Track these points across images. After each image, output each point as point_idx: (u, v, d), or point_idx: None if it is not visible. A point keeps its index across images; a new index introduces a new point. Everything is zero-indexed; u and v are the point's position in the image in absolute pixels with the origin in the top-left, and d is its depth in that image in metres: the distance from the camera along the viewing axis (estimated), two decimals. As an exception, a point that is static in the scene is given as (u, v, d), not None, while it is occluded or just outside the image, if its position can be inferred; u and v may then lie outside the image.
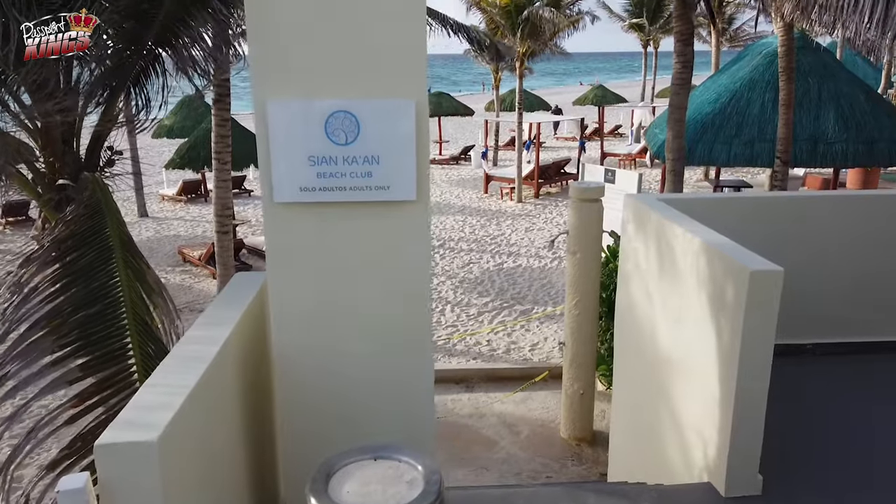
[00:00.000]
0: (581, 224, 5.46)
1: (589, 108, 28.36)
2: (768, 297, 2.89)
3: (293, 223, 2.22)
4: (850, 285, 4.56)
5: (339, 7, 2.09)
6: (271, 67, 2.11)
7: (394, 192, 2.20)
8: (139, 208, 16.62)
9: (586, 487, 3.32)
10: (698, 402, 3.35)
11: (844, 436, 3.60)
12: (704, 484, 3.25)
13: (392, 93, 2.15)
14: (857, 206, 4.61)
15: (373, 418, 2.39)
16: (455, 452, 5.82)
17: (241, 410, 2.40)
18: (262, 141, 2.14)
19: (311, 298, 2.28)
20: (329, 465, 1.66)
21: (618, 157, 22.02)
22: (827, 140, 10.62)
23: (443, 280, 11.20)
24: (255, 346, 2.46)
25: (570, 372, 5.85)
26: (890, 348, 4.38)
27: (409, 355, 2.37)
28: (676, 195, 5.45)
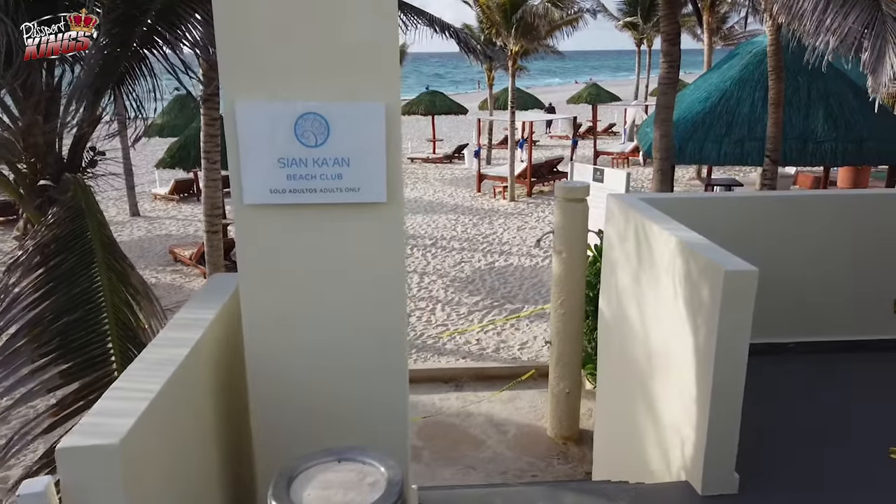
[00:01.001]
0: (566, 223, 5.48)
1: (583, 106, 28.37)
2: (743, 296, 2.90)
3: (263, 225, 2.23)
4: (831, 284, 4.59)
5: (309, 9, 2.10)
6: (241, 69, 2.11)
7: (364, 193, 2.21)
8: (131, 207, 16.59)
9: (565, 487, 3.34)
10: (676, 402, 3.37)
11: (822, 434, 3.62)
12: (682, 483, 3.28)
13: (362, 96, 2.15)
14: (837, 206, 4.64)
15: (346, 418, 2.40)
16: (442, 452, 5.84)
17: (216, 410, 2.41)
18: (232, 142, 2.15)
19: (283, 299, 2.29)
20: (292, 468, 1.67)
21: (611, 155, 22.05)
22: (816, 139, 10.66)
23: (434, 279, 11.21)
24: (230, 347, 2.47)
25: (556, 371, 5.86)
26: (869, 347, 4.41)
27: (382, 355, 2.38)
28: (659, 195, 5.47)
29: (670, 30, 7.13)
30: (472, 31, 20.90)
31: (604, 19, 28.48)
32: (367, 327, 2.35)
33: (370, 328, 2.35)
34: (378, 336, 2.36)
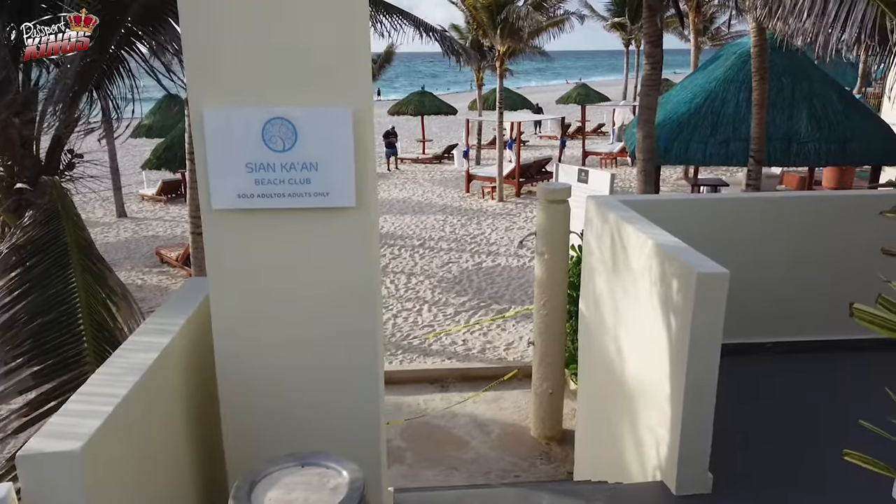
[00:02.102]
0: (548, 225, 5.50)
1: (573, 106, 28.45)
2: (715, 298, 2.93)
3: (232, 230, 2.23)
4: (809, 285, 4.63)
5: (276, 15, 2.10)
6: (207, 74, 2.11)
7: (333, 198, 2.21)
8: (118, 208, 16.50)
9: (542, 488, 3.36)
10: (652, 402, 3.40)
11: (796, 434, 3.66)
12: (657, 483, 3.30)
13: (330, 101, 2.16)
14: (814, 207, 4.69)
15: (316, 422, 2.41)
16: (425, 453, 5.85)
17: (187, 415, 2.41)
18: (199, 147, 2.15)
19: (252, 304, 2.29)
20: (255, 473, 1.68)
21: (599, 155, 22.13)
22: (800, 139, 10.75)
23: (421, 279, 11.22)
24: (202, 351, 2.47)
25: (540, 371, 5.89)
26: (847, 346, 4.45)
27: (353, 360, 2.38)
28: (638, 196, 5.51)
29: (652, 31, 7.17)
30: (460, 31, 20.93)
31: (592, 20, 28.60)
32: (338, 332, 2.35)
33: (341, 333, 2.35)
34: (349, 340, 2.37)
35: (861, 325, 1.75)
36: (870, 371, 4.32)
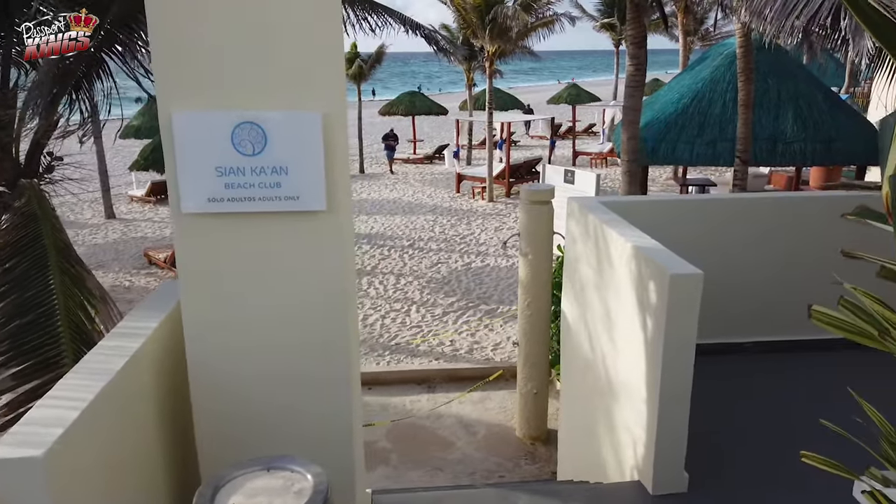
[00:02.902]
0: (532, 226, 5.52)
1: (564, 106, 28.52)
2: (689, 299, 2.96)
3: (203, 233, 2.23)
4: (788, 284, 4.67)
5: (246, 18, 2.10)
6: (176, 77, 2.11)
7: (303, 202, 2.22)
8: (106, 210, 16.42)
9: (521, 488, 3.37)
10: (629, 403, 3.42)
11: (773, 433, 3.69)
12: (634, 482, 3.33)
13: (300, 105, 2.16)
14: (794, 208, 4.73)
15: (288, 426, 2.42)
16: (411, 454, 5.86)
17: (160, 419, 2.41)
18: (169, 151, 2.15)
19: (223, 307, 2.29)
20: (219, 478, 1.68)
21: (589, 155, 22.20)
22: (786, 139, 10.83)
23: (410, 280, 11.22)
24: (174, 355, 2.47)
25: (524, 372, 5.91)
26: (825, 346, 4.49)
27: (326, 364, 2.39)
28: (619, 198, 5.54)
29: (637, 33, 7.21)
30: (451, 31, 20.93)
31: (583, 20, 28.68)
32: (310, 336, 2.36)
33: (313, 336, 2.36)
34: (321, 344, 2.38)
35: (819, 326, 1.77)
36: (847, 371, 4.36)
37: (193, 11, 2.07)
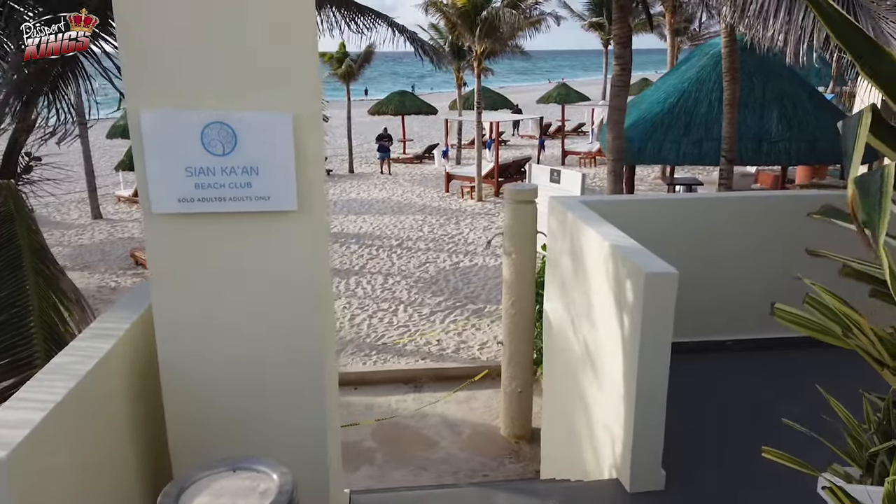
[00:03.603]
0: (515, 225, 5.53)
1: (554, 106, 28.60)
2: (664, 297, 2.97)
3: (173, 234, 2.22)
4: (768, 282, 4.70)
5: (216, 17, 2.09)
6: (145, 77, 2.10)
7: (274, 202, 2.22)
8: (93, 210, 16.30)
9: (501, 487, 3.39)
10: (607, 401, 3.43)
11: (751, 430, 3.71)
12: (612, 480, 3.34)
13: (270, 106, 2.16)
14: (772, 206, 4.76)
15: (261, 427, 2.41)
16: (395, 454, 5.86)
17: (132, 421, 2.39)
18: (138, 151, 2.14)
19: (195, 309, 2.28)
20: (184, 479, 1.68)
21: (579, 154, 22.26)
22: (771, 139, 10.90)
23: (398, 280, 11.22)
24: (147, 356, 2.46)
25: (509, 370, 5.92)
26: (804, 343, 4.53)
27: (299, 363, 2.38)
28: (601, 197, 5.56)
29: (622, 32, 7.24)
30: (440, 31, 20.94)
31: (572, 20, 28.74)
32: (283, 337, 2.35)
33: (286, 337, 2.35)
34: (294, 345, 2.37)
35: (782, 324, 1.79)
36: (828, 368, 4.40)
37: (162, 10, 2.06)
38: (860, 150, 1.47)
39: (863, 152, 1.46)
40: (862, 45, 1.57)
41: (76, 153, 17.82)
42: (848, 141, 1.54)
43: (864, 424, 1.80)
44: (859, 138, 1.49)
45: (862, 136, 1.49)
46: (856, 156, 1.48)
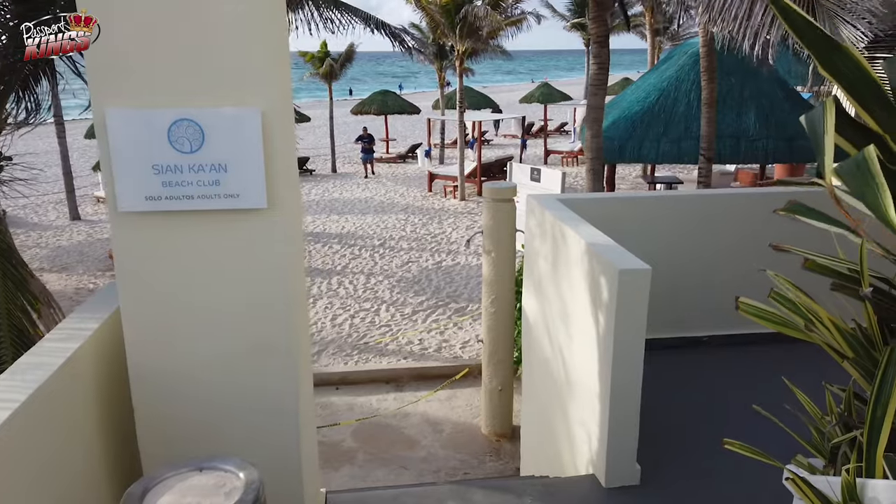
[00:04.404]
0: (495, 224, 5.54)
1: (537, 106, 28.69)
2: (637, 294, 2.99)
3: (141, 232, 2.20)
4: (744, 279, 4.75)
5: (181, 13, 2.07)
6: (110, 75, 2.08)
7: (243, 200, 2.20)
8: (71, 211, 16.09)
9: (478, 484, 3.39)
10: (584, 398, 3.45)
11: (726, 424, 3.75)
12: (589, 476, 3.36)
13: (238, 102, 2.14)
14: (745, 204, 4.81)
15: (233, 426, 2.39)
16: (376, 453, 5.85)
17: (100, 422, 2.36)
18: (104, 150, 2.12)
19: (163, 308, 2.26)
20: (149, 479, 1.66)
21: (561, 154, 22.36)
22: (749, 137, 11.03)
23: (380, 279, 11.19)
24: (116, 357, 2.43)
25: (489, 369, 5.93)
26: (780, 338, 4.58)
27: (270, 361, 2.37)
28: (577, 195, 5.59)
29: (599, 32, 7.28)
30: (422, 31, 20.92)
31: (555, 20, 28.84)
32: (254, 336, 2.34)
33: (257, 336, 2.34)
34: (266, 344, 2.35)
35: (746, 318, 1.81)
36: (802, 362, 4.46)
37: (126, 6, 2.04)
38: (831, 143, 1.49)
39: (833, 143, 1.48)
40: (820, 43, 1.59)
41: (54, 154, 17.60)
42: (816, 134, 1.56)
43: (828, 416, 1.83)
44: (828, 130, 1.51)
45: (830, 128, 1.50)
46: (827, 148, 1.50)
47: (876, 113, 1.61)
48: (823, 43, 1.56)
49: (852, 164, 1.39)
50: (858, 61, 1.59)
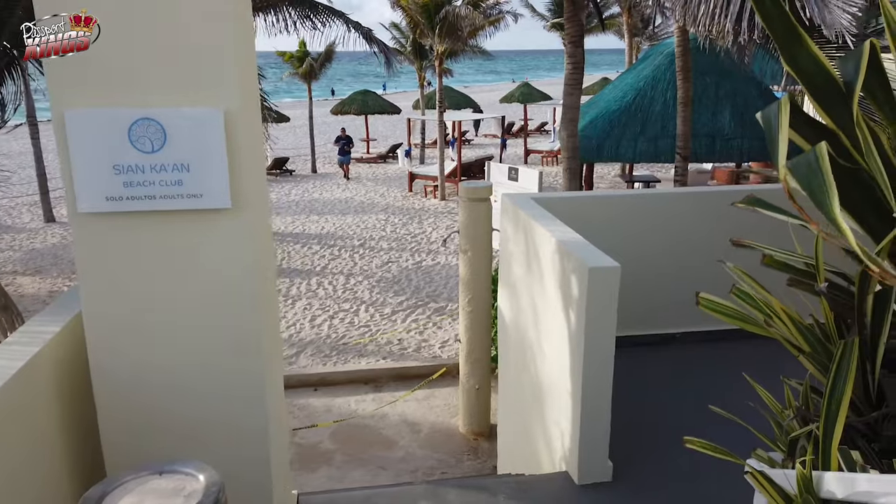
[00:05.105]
0: (471, 223, 5.55)
1: (517, 106, 28.77)
2: (607, 291, 3.01)
3: (102, 233, 2.17)
4: (714, 275, 4.80)
5: (141, 11, 2.05)
6: (68, 74, 2.04)
7: (207, 200, 2.18)
8: (45, 213, 15.83)
9: (451, 483, 3.39)
10: (556, 395, 3.47)
11: (697, 420, 3.79)
12: (562, 473, 3.38)
13: (200, 101, 2.12)
14: (714, 202, 4.86)
15: (199, 428, 2.36)
16: (354, 454, 5.82)
17: (62, 425, 2.32)
18: (63, 149, 2.08)
19: (126, 310, 2.23)
20: (108, 482, 1.64)
21: (541, 153, 22.45)
22: (724, 136, 11.16)
23: (360, 280, 11.15)
24: (78, 358, 2.39)
25: (466, 367, 5.94)
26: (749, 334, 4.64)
27: (236, 364, 2.35)
28: (551, 194, 5.61)
29: (573, 31, 7.31)
30: (401, 31, 20.89)
31: (536, 20, 28.92)
32: (220, 338, 2.31)
33: (223, 339, 2.31)
34: (232, 346, 2.33)
35: (706, 313, 1.82)
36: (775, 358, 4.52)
37: (85, 4, 2.01)
38: (785, 139, 1.50)
39: (787, 140, 1.49)
40: (784, 32, 1.60)
41: (27, 155, 17.30)
42: (771, 130, 1.57)
43: (787, 410, 1.85)
44: (782, 126, 1.52)
45: (784, 124, 1.52)
46: (781, 144, 1.52)
47: (831, 109, 1.63)
48: (788, 35, 1.57)
49: (804, 161, 1.40)
50: (816, 56, 1.61)
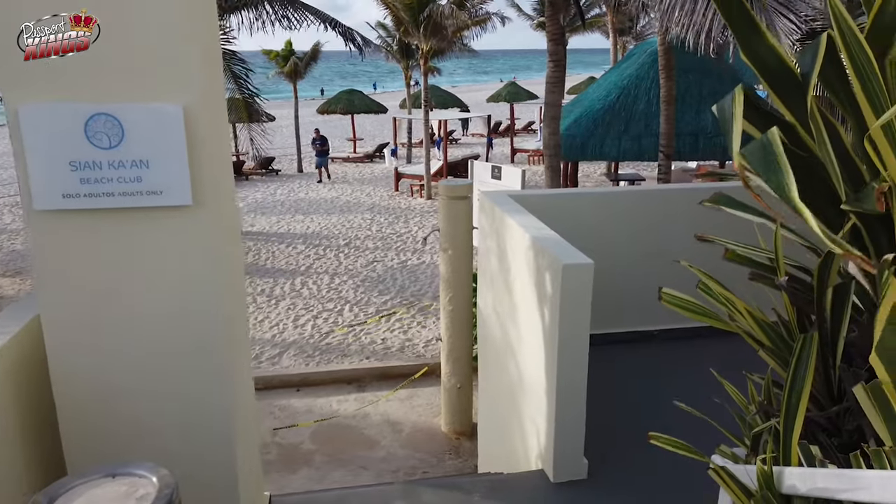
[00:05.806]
0: (450, 221, 5.53)
1: (504, 105, 28.80)
2: (580, 288, 2.99)
3: (59, 231, 2.12)
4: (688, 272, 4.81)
5: (96, 4, 2.00)
6: (20, 68, 2.00)
7: (167, 197, 2.14)
8: (26, 214, 15.61)
9: (426, 483, 3.36)
10: (532, 393, 3.45)
11: (670, 417, 3.79)
12: (538, 471, 3.36)
13: (159, 97, 2.08)
14: (690, 199, 4.86)
15: (163, 431, 2.33)
16: (335, 454, 5.79)
17: (21, 427, 2.27)
18: (17, 146, 2.04)
19: (85, 310, 2.19)
20: (56, 487, 1.60)
21: (527, 153, 22.48)
22: (707, 134, 11.20)
23: (345, 279, 11.10)
24: (38, 360, 2.34)
25: (448, 367, 5.92)
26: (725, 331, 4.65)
27: (202, 366, 2.31)
28: (529, 192, 5.62)
29: (554, 30, 7.31)
30: (387, 29, 20.83)
31: (523, 20, 28.96)
32: (183, 337, 2.27)
33: (186, 338, 2.27)
34: (195, 346, 2.29)
35: (670, 308, 1.81)
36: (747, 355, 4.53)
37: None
38: (738, 127, 1.49)
39: (741, 129, 1.48)
40: (743, 23, 1.59)
41: (8, 156, 17.09)
42: (725, 119, 1.56)
43: (751, 405, 1.84)
44: (736, 115, 1.51)
45: (738, 113, 1.51)
46: (735, 132, 1.51)
47: (788, 100, 1.62)
48: (746, 25, 1.56)
49: (758, 146, 1.39)
50: (774, 47, 1.60)
